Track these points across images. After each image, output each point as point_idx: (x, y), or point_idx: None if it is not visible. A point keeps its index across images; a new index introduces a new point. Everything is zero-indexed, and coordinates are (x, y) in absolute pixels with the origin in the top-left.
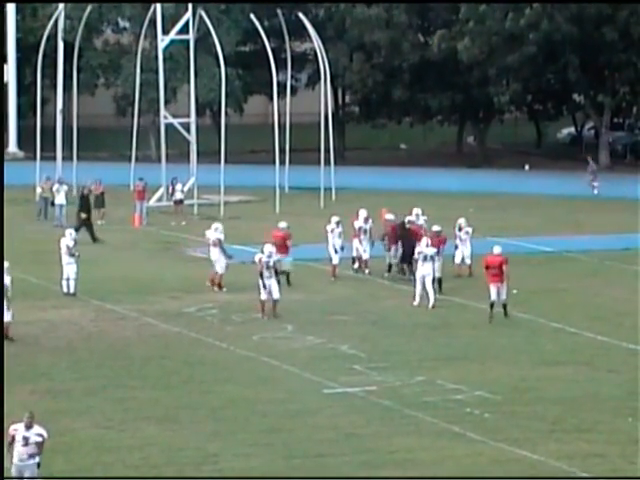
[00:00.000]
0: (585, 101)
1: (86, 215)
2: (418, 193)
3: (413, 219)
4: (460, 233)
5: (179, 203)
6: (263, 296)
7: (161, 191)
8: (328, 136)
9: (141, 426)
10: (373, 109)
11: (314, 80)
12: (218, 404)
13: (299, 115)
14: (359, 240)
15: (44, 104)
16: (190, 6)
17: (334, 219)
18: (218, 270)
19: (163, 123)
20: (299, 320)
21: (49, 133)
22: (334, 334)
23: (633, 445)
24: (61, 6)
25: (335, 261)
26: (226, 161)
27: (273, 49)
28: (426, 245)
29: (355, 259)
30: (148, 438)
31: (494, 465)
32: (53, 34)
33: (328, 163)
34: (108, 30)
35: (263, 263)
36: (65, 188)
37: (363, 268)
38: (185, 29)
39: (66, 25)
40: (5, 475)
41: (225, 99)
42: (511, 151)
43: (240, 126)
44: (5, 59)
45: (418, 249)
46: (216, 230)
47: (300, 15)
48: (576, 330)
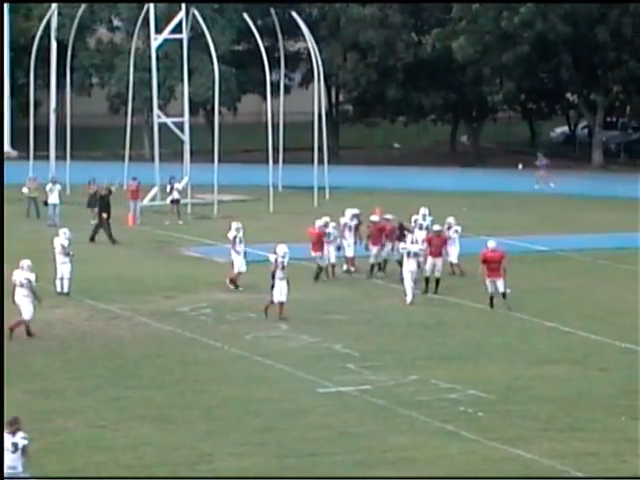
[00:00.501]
0: (578, 100)
1: (107, 215)
2: (412, 192)
3: (390, 217)
4: (449, 232)
5: (176, 203)
6: (277, 297)
7: (155, 190)
8: (322, 135)
9: (135, 425)
10: (367, 108)
11: (308, 79)
12: (212, 403)
13: (293, 114)
14: (343, 236)
15: (38, 104)
16: (183, 6)
17: (324, 219)
18: (236, 269)
19: (157, 122)
20: (293, 319)
21: (43, 133)
22: (328, 333)
23: (626, 443)
24: (54, 5)
25: (332, 260)
26: (220, 160)
27: (266, 48)
28: (411, 242)
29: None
30: (142, 437)
31: (488, 464)
32: (45, 34)
33: (322, 162)
34: (101, 29)
35: (278, 263)
36: (58, 187)
37: (349, 266)
38: (179, 28)
39: (59, 24)
40: (5, 475)
41: (220, 97)
42: (504, 150)
43: (234, 125)
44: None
45: (402, 245)
46: (237, 230)
47: (294, 14)
48: (570, 329)
